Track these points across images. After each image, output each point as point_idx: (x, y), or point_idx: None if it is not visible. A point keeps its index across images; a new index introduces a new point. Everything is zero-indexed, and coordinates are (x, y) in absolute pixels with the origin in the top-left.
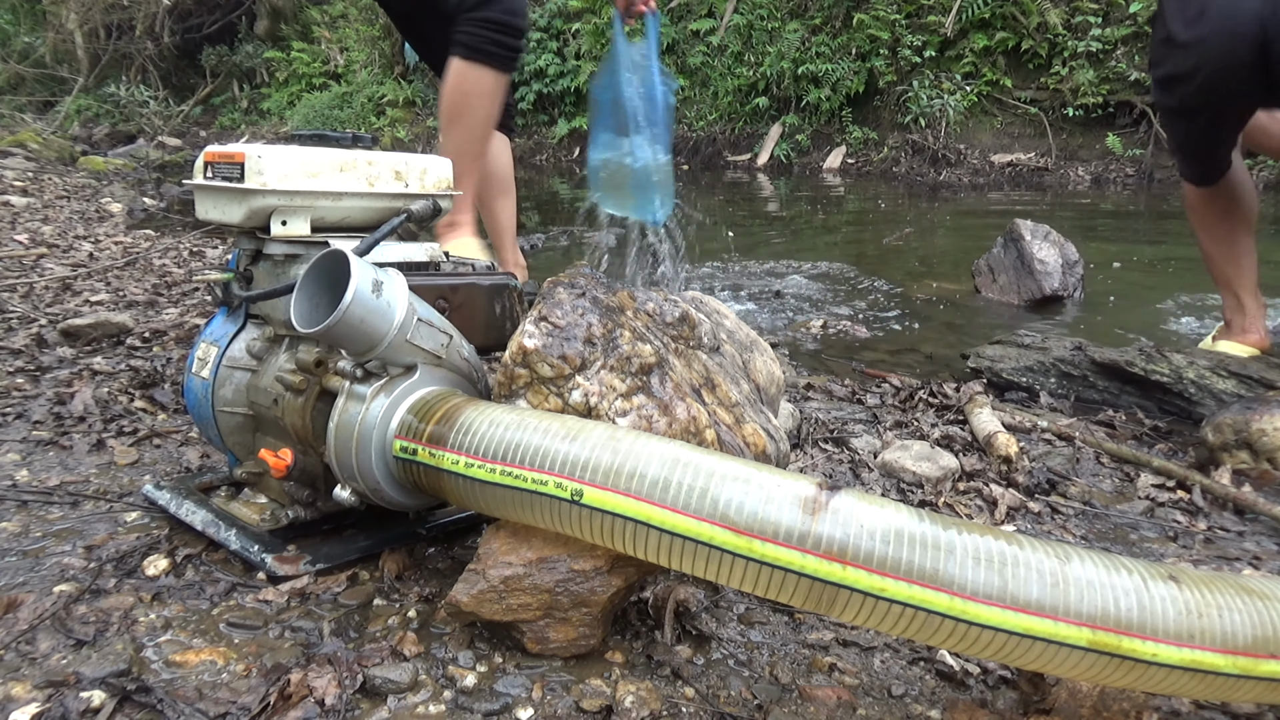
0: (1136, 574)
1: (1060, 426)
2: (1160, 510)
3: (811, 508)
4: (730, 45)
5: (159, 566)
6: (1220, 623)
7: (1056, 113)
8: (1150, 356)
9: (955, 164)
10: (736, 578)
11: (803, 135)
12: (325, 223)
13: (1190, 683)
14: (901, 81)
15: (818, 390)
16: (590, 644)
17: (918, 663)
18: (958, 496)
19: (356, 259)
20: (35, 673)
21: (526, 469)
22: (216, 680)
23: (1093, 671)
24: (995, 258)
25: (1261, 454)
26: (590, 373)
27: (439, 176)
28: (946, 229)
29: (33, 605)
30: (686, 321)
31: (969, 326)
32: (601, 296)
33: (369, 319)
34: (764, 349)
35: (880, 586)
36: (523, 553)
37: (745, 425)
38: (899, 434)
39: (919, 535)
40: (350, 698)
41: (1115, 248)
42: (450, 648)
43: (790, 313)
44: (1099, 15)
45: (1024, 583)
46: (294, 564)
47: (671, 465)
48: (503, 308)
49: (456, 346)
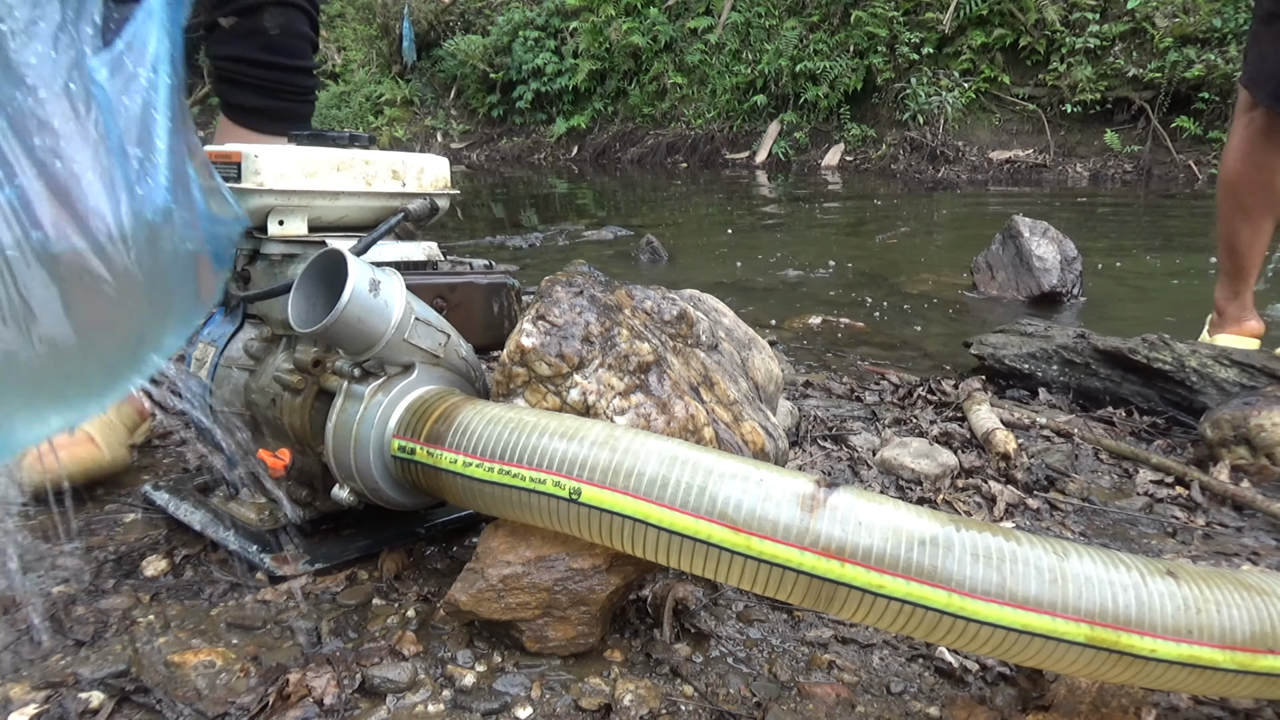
0: (1135, 570)
1: (1059, 423)
2: (1159, 506)
3: (810, 505)
4: (728, 43)
5: (158, 567)
6: (1218, 618)
7: (1055, 109)
8: (1153, 345)
9: (953, 161)
10: (735, 575)
11: (801, 133)
12: (322, 222)
13: (1188, 678)
14: (899, 79)
15: (816, 387)
16: (589, 642)
17: (916, 660)
18: (957, 493)
19: (354, 258)
20: (34, 673)
21: (524, 468)
22: (215, 680)
23: (1091, 667)
24: (994, 254)
25: (1260, 450)
26: (588, 371)
27: (436, 175)
28: (945, 226)
29: (31, 606)
30: (684, 319)
31: (968, 323)
32: (599, 295)
33: (366, 318)
34: (762, 347)
35: (879, 583)
36: (521, 551)
37: (744, 423)
38: (898, 431)
39: (917, 532)
40: (349, 697)
41: (1114, 244)
42: (449, 647)
43: (788, 310)
44: (1097, 11)
45: (1022, 579)
46: (292, 564)
47: (670, 463)
48: (500, 306)
49: (454, 345)
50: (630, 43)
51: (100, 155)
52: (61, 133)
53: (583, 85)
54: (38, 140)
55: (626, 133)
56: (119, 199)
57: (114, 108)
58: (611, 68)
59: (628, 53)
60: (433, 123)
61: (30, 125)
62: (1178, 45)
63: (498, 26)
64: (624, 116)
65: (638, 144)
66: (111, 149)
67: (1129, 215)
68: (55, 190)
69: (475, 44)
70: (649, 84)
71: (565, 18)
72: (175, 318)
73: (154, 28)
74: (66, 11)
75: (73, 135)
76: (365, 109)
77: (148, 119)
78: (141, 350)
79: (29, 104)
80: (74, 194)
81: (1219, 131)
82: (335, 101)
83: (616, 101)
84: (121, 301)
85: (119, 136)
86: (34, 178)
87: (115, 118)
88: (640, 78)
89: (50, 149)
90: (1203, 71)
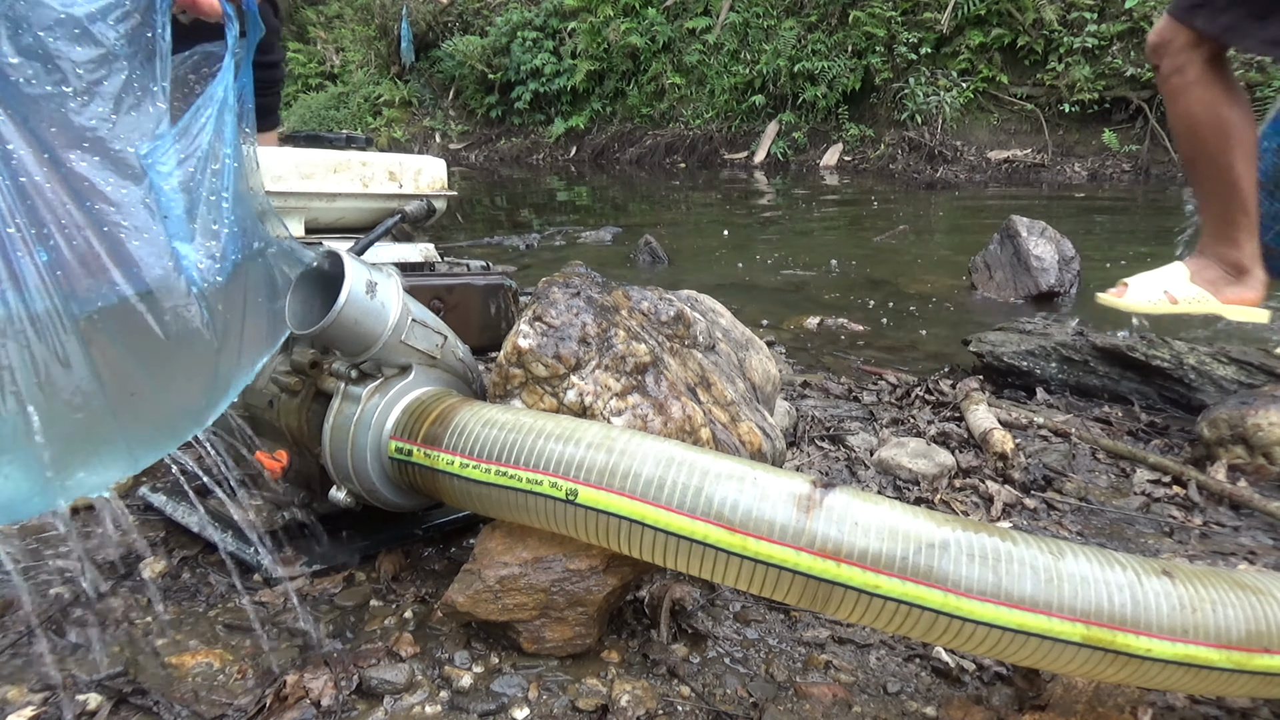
0: (1130, 569)
1: (1056, 423)
2: (1156, 506)
3: (806, 505)
4: (726, 43)
5: (156, 569)
6: (1214, 618)
7: (1053, 109)
8: (1151, 342)
9: (952, 160)
10: (732, 576)
11: (799, 133)
12: (320, 223)
13: (1185, 677)
14: (898, 78)
15: (814, 388)
16: (586, 643)
17: (913, 660)
18: (954, 493)
19: (351, 260)
20: (32, 675)
21: (521, 469)
22: (213, 682)
23: (1087, 667)
24: (992, 254)
25: (1257, 449)
26: (585, 372)
27: (433, 177)
28: (943, 225)
29: (30, 607)
30: (681, 320)
31: (965, 323)
32: (596, 296)
33: (363, 320)
34: (759, 347)
35: (875, 584)
36: (518, 552)
37: (741, 424)
38: (895, 431)
39: (913, 532)
40: (346, 698)
41: (1111, 243)
42: (446, 648)
43: (786, 310)
44: (1095, 11)
45: (1018, 579)
46: (290, 565)
47: (666, 464)
48: (498, 307)
49: (451, 347)
50: (628, 43)
51: (154, 219)
52: (114, 199)
53: (581, 86)
54: (89, 203)
55: (625, 133)
56: (179, 261)
57: (174, 177)
58: (610, 68)
59: (626, 53)
60: (431, 123)
61: (81, 187)
62: None
63: (496, 27)
64: (622, 117)
65: (636, 144)
66: (168, 213)
67: (1127, 214)
68: (112, 249)
69: (473, 45)
70: (647, 84)
71: (563, 18)
72: (242, 365)
73: (218, 109)
74: (133, 73)
75: (128, 201)
76: (364, 110)
77: (213, 188)
78: (214, 396)
79: (82, 166)
80: (128, 254)
81: None
82: (333, 102)
83: (615, 102)
84: (191, 355)
85: (181, 203)
86: (87, 235)
87: (176, 187)
88: (638, 78)
89: (102, 210)
90: None
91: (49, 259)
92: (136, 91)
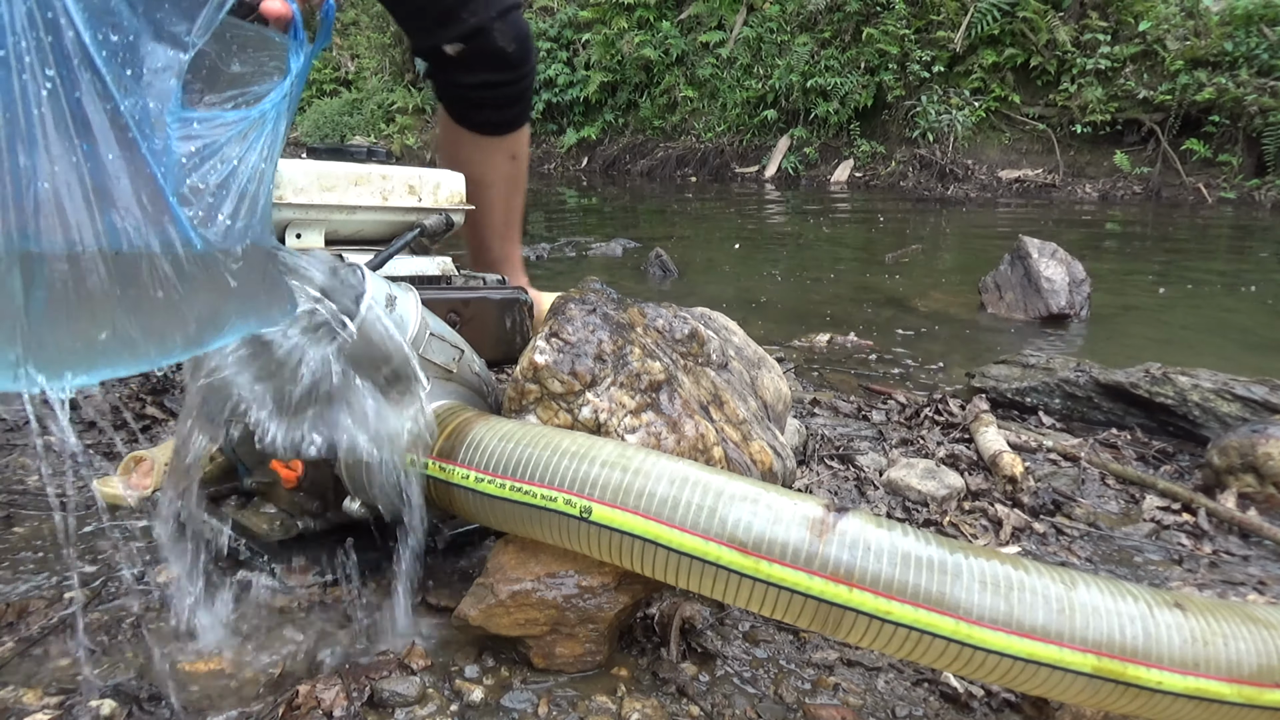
0: (1142, 601)
1: (1066, 446)
2: (1165, 533)
3: (819, 529)
4: (739, 57)
5: (169, 574)
6: (1226, 651)
7: (1064, 129)
8: (1155, 379)
9: (963, 179)
10: (743, 598)
11: (811, 148)
12: (339, 236)
13: (1195, 711)
14: (910, 96)
15: (824, 406)
16: (596, 660)
17: (921, 684)
18: (963, 516)
19: (370, 273)
20: (46, 680)
21: (535, 485)
22: (225, 689)
23: (1097, 698)
24: (1002, 275)
25: (1268, 478)
26: (600, 389)
27: (452, 191)
28: (953, 244)
29: (43, 612)
30: (695, 338)
31: (975, 343)
32: (612, 313)
33: (382, 334)
34: (771, 366)
35: (886, 609)
36: (531, 568)
37: (752, 442)
38: (904, 451)
39: (925, 558)
40: (358, 710)
41: (1122, 266)
42: (458, 661)
43: (797, 327)
44: (1108, 33)
45: (1029, 608)
46: (303, 575)
47: (680, 484)
48: (513, 322)
49: (468, 361)
50: (642, 55)
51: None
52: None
53: (594, 97)
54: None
55: (636, 145)
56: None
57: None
58: (623, 80)
59: (639, 65)
60: None
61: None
62: (1188, 68)
63: None
64: (634, 128)
65: (647, 156)
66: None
67: (1138, 237)
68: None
69: None
70: (660, 96)
71: (577, 30)
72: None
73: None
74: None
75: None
76: (377, 116)
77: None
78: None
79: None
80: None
81: (1229, 155)
82: (347, 109)
83: (627, 113)
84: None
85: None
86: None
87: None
88: (651, 90)
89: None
90: (1213, 94)
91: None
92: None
